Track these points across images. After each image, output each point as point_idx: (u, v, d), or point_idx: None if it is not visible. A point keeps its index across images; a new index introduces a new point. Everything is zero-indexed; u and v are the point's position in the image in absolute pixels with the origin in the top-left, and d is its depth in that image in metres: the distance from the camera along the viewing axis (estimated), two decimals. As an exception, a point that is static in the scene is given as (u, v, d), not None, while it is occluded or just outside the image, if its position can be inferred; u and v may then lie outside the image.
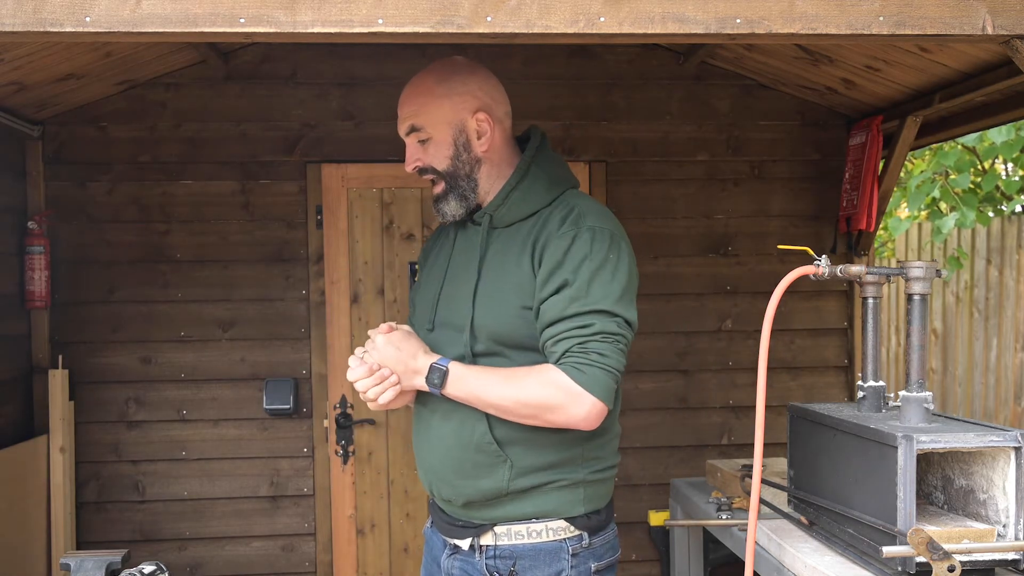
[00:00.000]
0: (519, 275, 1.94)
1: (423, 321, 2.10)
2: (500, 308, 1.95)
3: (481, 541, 2.01)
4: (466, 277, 2.02)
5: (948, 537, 2.02)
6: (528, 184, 2.01)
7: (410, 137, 2.03)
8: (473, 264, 2.02)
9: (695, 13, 1.83)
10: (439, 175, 2.02)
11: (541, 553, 1.97)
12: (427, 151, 2.02)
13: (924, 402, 2.14)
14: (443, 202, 2.04)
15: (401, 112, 2.04)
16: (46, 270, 3.69)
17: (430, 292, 2.11)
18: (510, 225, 2.02)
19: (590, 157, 4.04)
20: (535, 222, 1.99)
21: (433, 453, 2.03)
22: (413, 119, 2.01)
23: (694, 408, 4.12)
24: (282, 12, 1.78)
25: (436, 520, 2.13)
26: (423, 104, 2.01)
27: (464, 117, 2.01)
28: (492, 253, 2.01)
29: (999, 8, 1.87)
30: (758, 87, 4.11)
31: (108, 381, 3.86)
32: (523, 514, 1.98)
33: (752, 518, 1.92)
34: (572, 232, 1.90)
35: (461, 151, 2.02)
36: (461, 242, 2.09)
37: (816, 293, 4.14)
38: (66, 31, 1.77)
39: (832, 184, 4.12)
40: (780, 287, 1.93)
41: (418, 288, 2.20)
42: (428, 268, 2.18)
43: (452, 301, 2.04)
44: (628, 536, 4.09)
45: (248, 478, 3.92)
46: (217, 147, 3.90)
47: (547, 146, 2.11)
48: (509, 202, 2.01)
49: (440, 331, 2.05)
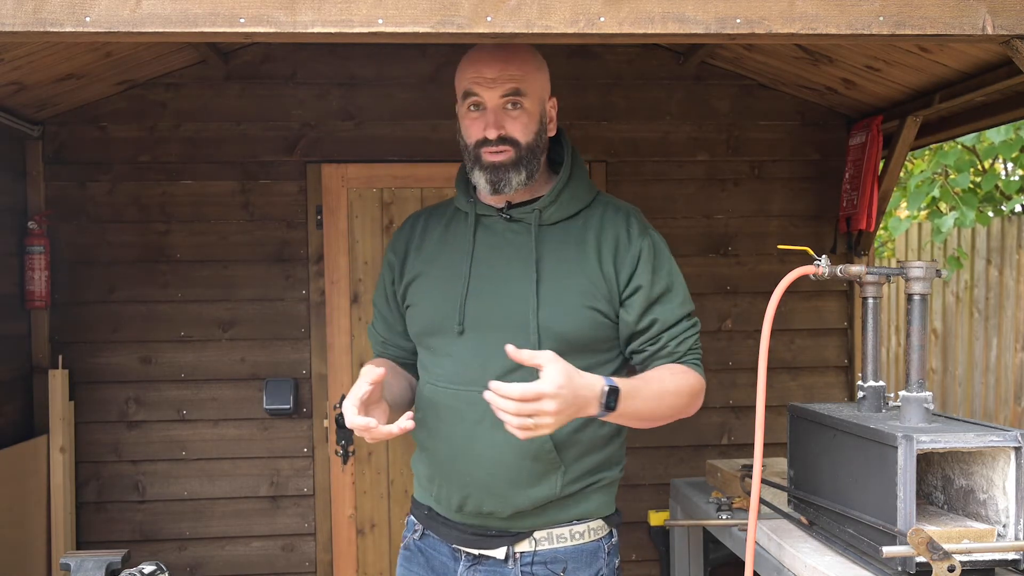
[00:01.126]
0: (585, 276, 1.93)
1: (442, 323, 1.97)
2: (567, 309, 1.91)
3: (517, 549, 1.96)
4: (515, 275, 1.93)
5: (948, 537, 2.02)
6: (575, 183, 2.01)
7: (503, 100, 1.91)
8: (524, 262, 1.94)
9: (695, 13, 1.83)
10: (517, 147, 1.93)
11: (583, 554, 1.99)
12: (516, 121, 1.92)
13: (924, 402, 2.14)
14: (511, 171, 1.93)
15: (498, 72, 1.90)
16: (46, 270, 3.69)
17: (448, 291, 1.97)
18: (555, 224, 1.98)
19: (590, 157, 4.04)
20: (584, 222, 1.98)
21: (481, 466, 1.92)
22: (519, 82, 1.90)
23: (694, 408, 4.11)
24: (282, 12, 1.78)
25: (447, 533, 2.03)
26: (527, 72, 1.92)
27: (546, 97, 1.99)
28: (546, 251, 1.95)
29: (999, 8, 1.87)
30: (758, 87, 4.11)
31: (108, 381, 3.86)
32: (567, 517, 1.97)
33: (752, 518, 1.92)
34: (647, 238, 1.98)
35: (542, 129, 1.97)
36: (488, 239, 1.99)
37: (816, 293, 4.14)
38: (66, 31, 1.77)
39: (832, 184, 4.12)
40: (780, 287, 1.93)
41: (411, 286, 2.05)
42: (426, 264, 2.04)
43: (495, 301, 1.93)
44: (628, 536, 4.08)
45: (248, 478, 3.92)
46: (217, 147, 3.90)
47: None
48: (560, 200, 1.98)
49: (479, 334, 1.93)
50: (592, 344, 1.95)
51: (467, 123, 1.96)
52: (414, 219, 2.14)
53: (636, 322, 1.96)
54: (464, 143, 1.98)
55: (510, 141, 1.92)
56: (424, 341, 2.04)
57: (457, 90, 1.97)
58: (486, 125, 1.92)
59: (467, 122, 1.96)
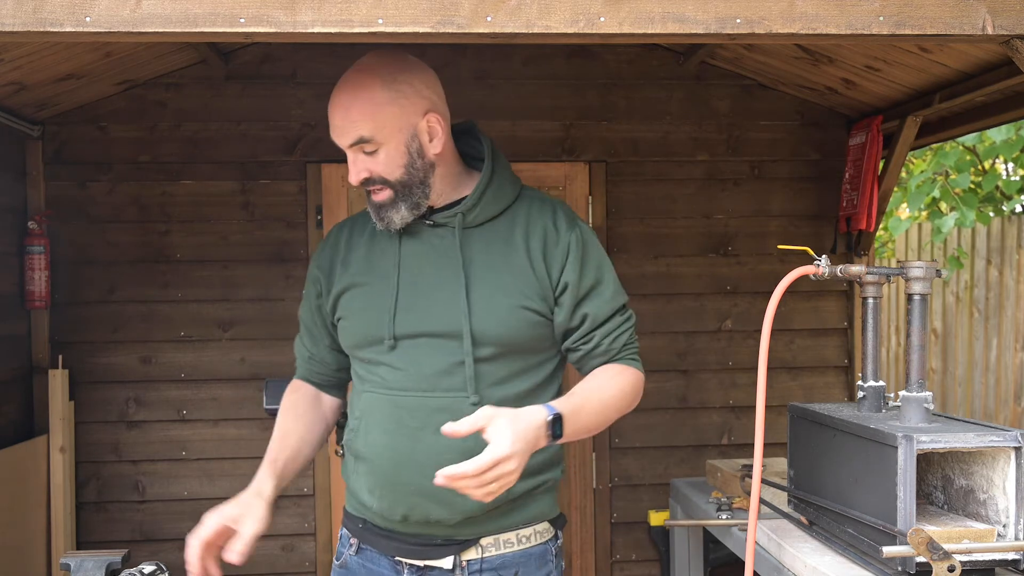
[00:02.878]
0: (516, 275, 1.89)
1: (373, 336, 1.91)
2: (500, 312, 1.87)
3: (463, 557, 1.91)
4: (443, 282, 1.89)
5: (948, 537, 2.02)
6: (497, 181, 1.95)
7: (354, 148, 1.86)
8: (451, 267, 1.89)
9: (695, 13, 1.83)
10: (390, 185, 1.87)
11: (532, 558, 1.96)
12: (376, 161, 1.86)
13: (924, 402, 2.14)
14: (391, 210, 1.88)
15: (341, 121, 1.84)
16: (46, 270, 3.69)
17: (378, 303, 1.91)
18: (480, 225, 1.93)
19: (590, 157, 4.04)
20: (511, 220, 1.94)
21: (426, 475, 1.77)
22: (360, 131, 1.83)
23: (694, 408, 4.12)
24: (282, 12, 1.78)
25: (387, 545, 1.96)
26: (371, 113, 1.82)
27: (415, 121, 1.86)
28: (473, 255, 1.90)
29: (999, 8, 1.87)
30: (758, 87, 4.11)
31: (108, 381, 3.86)
32: (515, 522, 1.93)
33: (752, 518, 1.92)
34: (574, 231, 1.94)
35: (415, 158, 1.87)
36: (413, 246, 1.93)
37: (816, 293, 4.14)
38: (66, 31, 1.76)
39: (832, 184, 4.12)
40: (780, 287, 1.93)
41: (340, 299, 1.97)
42: (354, 276, 1.96)
43: (425, 309, 1.89)
44: (628, 536, 4.10)
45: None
46: (217, 147, 3.90)
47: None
48: (483, 201, 1.92)
49: (412, 343, 1.88)
50: (529, 344, 1.92)
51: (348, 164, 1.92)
52: (337, 230, 2.07)
53: (568, 319, 1.93)
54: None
55: (379, 180, 1.87)
56: (357, 353, 1.98)
57: None
58: (350, 171, 1.90)
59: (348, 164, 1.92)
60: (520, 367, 1.91)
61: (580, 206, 4.03)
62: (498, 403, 1.79)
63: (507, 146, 3.97)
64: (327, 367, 2.11)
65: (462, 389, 1.86)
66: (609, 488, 4.06)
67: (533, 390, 1.93)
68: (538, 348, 1.94)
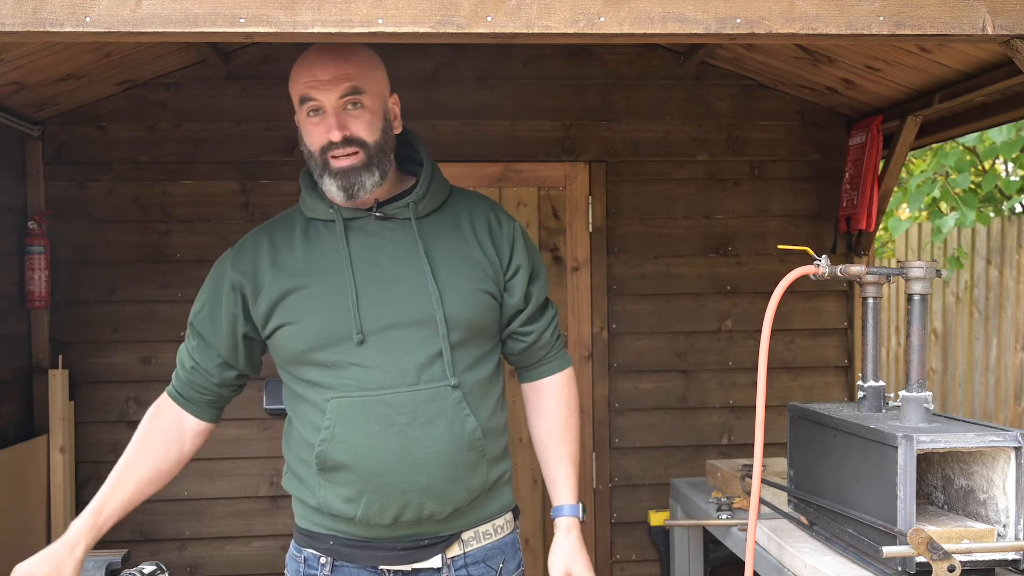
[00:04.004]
0: (471, 261, 1.93)
1: (334, 335, 1.86)
2: (465, 296, 1.90)
3: (448, 555, 1.94)
4: (405, 271, 1.88)
5: (948, 537, 2.03)
6: (437, 174, 1.99)
7: (342, 100, 1.84)
8: (412, 256, 1.89)
9: (695, 13, 1.83)
10: (365, 147, 1.86)
11: (507, 547, 2.03)
12: (359, 120, 1.85)
13: (924, 402, 2.14)
14: (364, 173, 1.86)
15: (333, 73, 1.83)
16: (46, 270, 3.69)
17: (333, 302, 1.87)
18: (426, 216, 1.94)
19: (590, 157, 4.04)
20: (453, 211, 1.98)
21: (420, 468, 1.84)
22: (356, 81, 1.84)
23: (694, 408, 4.12)
24: (282, 12, 1.78)
25: (369, 555, 1.92)
26: (363, 69, 1.86)
27: (387, 94, 1.93)
28: (429, 243, 1.91)
29: (999, 8, 1.88)
30: (758, 87, 4.11)
31: (108, 381, 3.86)
32: (490, 512, 1.99)
33: (752, 518, 1.92)
34: (514, 222, 2.03)
35: (388, 125, 1.91)
36: (363, 239, 1.91)
37: (816, 293, 4.14)
38: (66, 31, 1.77)
39: (832, 184, 4.12)
40: (780, 287, 1.93)
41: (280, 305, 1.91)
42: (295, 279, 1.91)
43: (392, 300, 1.86)
44: (628, 536, 4.10)
45: (248, 478, 3.92)
46: (217, 147, 3.90)
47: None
48: (430, 192, 1.95)
49: (382, 337, 1.85)
50: (488, 328, 1.96)
51: (308, 129, 1.89)
52: (254, 236, 2.03)
53: (522, 300, 2.00)
54: (308, 151, 1.91)
55: (356, 142, 1.85)
56: (313, 357, 1.89)
57: (293, 97, 1.91)
58: (329, 128, 1.85)
59: (308, 128, 1.89)
60: (482, 351, 1.95)
61: (580, 206, 4.03)
62: (470, 388, 1.89)
63: (507, 146, 3.98)
64: (209, 381, 2.06)
65: (442, 377, 1.86)
66: (609, 488, 4.06)
67: (493, 374, 1.98)
68: (494, 332, 1.99)
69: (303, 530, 1.98)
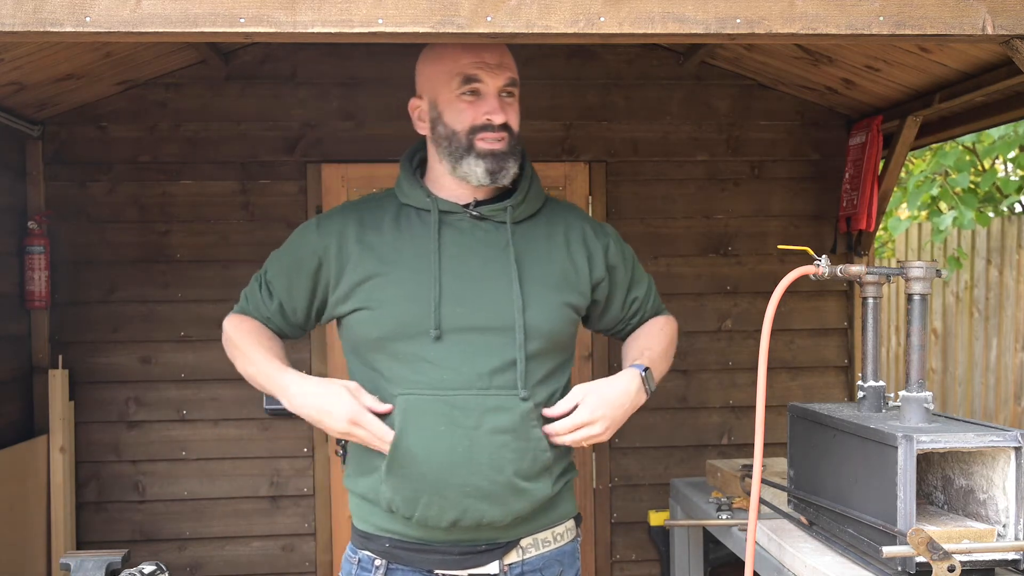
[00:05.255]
0: (559, 272, 1.94)
1: (413, 327, 1.85)
2: (548, 307, 1.90)
3: (506, 561, 1.91)
4: (492, 275, 1.87)
5: (948, 537, 2.02)
6: (537, 181, 2.01)
7: (504, 89, 1.90)
8: (501, 261, 1.88)
9: (695, 13, 1.83)
10: (512, 135, 1.90)
11: (566, 556, 2.00)
12: (512, 109, 1.92)
13: (924, 402, 2.14)
14: (510, 159, 1.89)
15: (500, 59, 1.90)
16: (46, 270, 3.69)
17: (415, 293, 1.85)
18: (520, 222, 1.95)
19: (590, 157, 4.04)
20: (548, 219, 1.99)
21: (482, 474, 1.81)
22: (514, 73, 1.93)
23: (694, 408, 4.12)
24: (282, 12, 1.78)
25: (425, 559, 1.91)
26: (514, 65, 1.94)
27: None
28: (520, 250, 1.91)
29: (999, 8, 1.87)
30: (758, 87, 4.11)
31: (108, 381, 3.86)
32: (550, 520, 1.96)
33: (752, 518, 1.92)
34: (608, 229, 2.08)
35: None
36: (455, 236, 1.90)
37: (816, 293, 4.14)
38: (66, 31, 1.77)
39: (832, 184, 4.12)
40: (780, 287, 1.93)
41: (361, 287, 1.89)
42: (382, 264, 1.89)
43: (474, 302, 1.86)
44: (628, 536, 4.10)
45: (248, 478, 3.92)
46: (217, 147, 3.90)
47: None
48: (528, 197, 1.97)
49: (460, 337, 1.84)
50: (565, 341, 1.97)
51: (460, 107, 1.88)
52: (342, 212, 1.98)
53: (621, 308, 2.10)
54: (450, 131, 1.89)
55: (508, 129, 1.89)
56: (386, 347, 1.87)
57: (443, 75, 1.90)
58: (489, 110, 1.86)
59: (460, 106, 1.88)
60: (556, 364, 1.94)
61: (580, 206, 4.02)
62: (541, 400, 1.88)
63: (507, 146, 3.97)
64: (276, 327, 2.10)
65: (513, 387, 1.85)
66: (609, 488, 4.06)
67: (564, 388, 1.97)
68: (570, 344, 2.00)
69: (360, 531, 1.97)
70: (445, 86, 1.90)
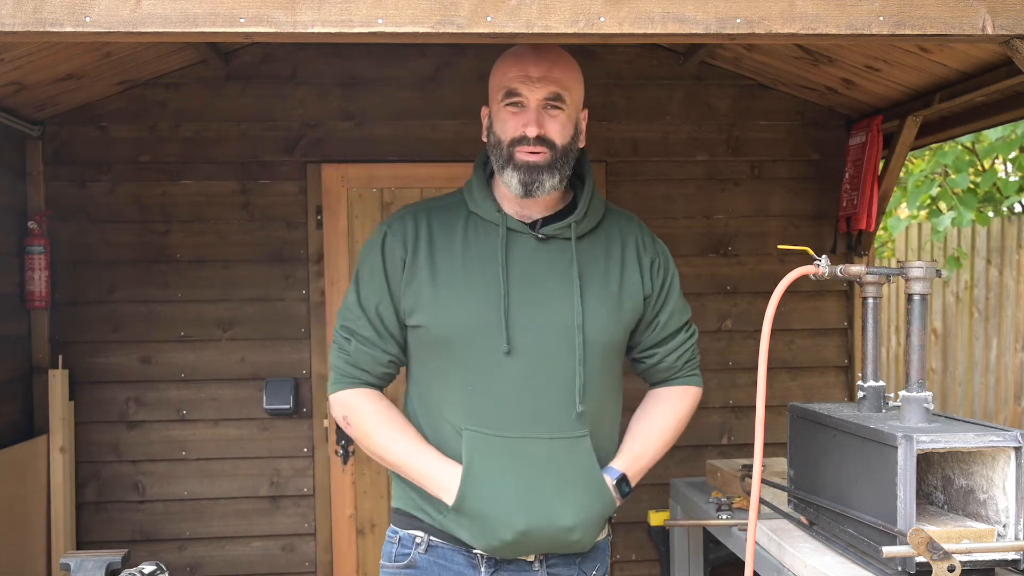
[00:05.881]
0: (616, 287, 1.99)
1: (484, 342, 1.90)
2: (605, 323, 1.96)
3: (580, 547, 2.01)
4: (555, 294, 1.93)
5: (948, 537, 2.02)
6: (597, 193, 2.05)
7: (543, 101, 1.90)
8: (563, 279, 1.94)
9: (695, 13, 1.83)
10: (553, 148, 1.91)
11: (596, 551, 2.08)
12: (554, 122, 1.91)
13: (924, 402, 2.14)
14: (545, 173, 1.90)
15: (546, 72, 1.90)
16: (46, 270, 3.69)
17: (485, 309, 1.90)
18: (580, 238, 1.98)
19: (590, 157, 4.02)
20: (606, 234, 2.03)
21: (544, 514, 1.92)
22: (560, 86, 1.90)
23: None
24: (282, 12, 1.78)
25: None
26: (569, 77, 1.93)
27: (580, 107, 2.00)
28: (582, 266, 1.96)
29: (999, 8, 1.87)
30: (758, 87, 4.11)
31: (108, 381, 3.86)
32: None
33: (752, 518, 1.92)
34: (659, 245, 2.09)
35: (575, 135, 1.96)
36: (520, 254, 1.94)
37: (816, 293, 4.14)
38: (66, 31, 1.77)
39: (832, 184, 4.12)
40: (780, 287, 1.93)
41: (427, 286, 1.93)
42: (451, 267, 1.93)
43: (539, 321, 1.91)
44: (628, 536, 4.09)
45: (248, 478, 3.92)
46: (217, 147, 3.90)
47: None
48: (590, 212, 2.00)
49: (526, 354, 1.90)
50: (619, 349, 2.04)
51: (504, 117, 1.92)
52: (414, 219, 1.99)
53: (645, 327, 2.08)
54: (496, 140, 1.94)
55: (547, 142, 1.90)
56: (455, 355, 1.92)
57: (494, 87, 1.95)
58: (526, 122, 1.90)
59: (504, 116, 1.92)
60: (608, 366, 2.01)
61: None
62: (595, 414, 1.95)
63: (507, 146, 3.97)
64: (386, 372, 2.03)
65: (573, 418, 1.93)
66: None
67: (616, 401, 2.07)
68: (622, 350, 2.06)
69: (402, 512, 2.02)
70: (495, 97, 1.96)
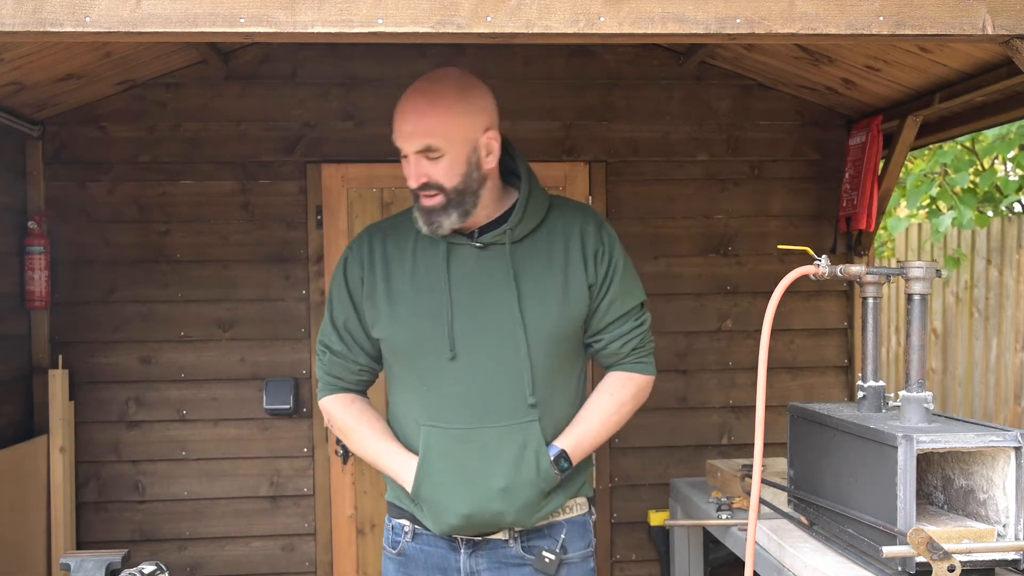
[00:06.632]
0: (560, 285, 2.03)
1: (431, 344, 2.02)
2: (550, 322, 2.01)
3: (516, 528, 2.06)
4: (495, 300, 2.00)
5: (948, 537, 2.03)
6: (534, 196, 2.06)
7: (418, 154, 1.96)
8: (503, 285, 2.01)
9: (695, 13, 1.83)
10: (444, 192, 1.97)
11: (575, 525, 2.12)
12: (436, 167, 1.96)
13: (924, 402, 2.14)
14: (441, 215, 1.98)
15: (412, 127, 1.96)
16: (46, 270, 3.69)
17: (432, 313, 2.01)
18: (521, 240, 2.04)
19: (590, 157, 4.04)
20: (548, 232, 2.06)
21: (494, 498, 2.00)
22: (429, 138, 1.94)
23: (694, 408, 4.12)
24: (282, 12, 1.78)
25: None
26: (443, 122, 1.95)
27: (478, 136, 1.99)
28: (520, 269, 2.02)
29: (999, 8, 1.87)
30: (758, 87, 4.11)
31: (108, 381, 3.86)
32: (559, 503, 2.08)
33: (752, 518, 1.92)
34: (604, 233, 2.09)
35: (473, 169, 1.99)
36: (460, 264, 2.03)
37: (816, 293, 4.14)
38: (66, 31, 1.77)
39: (832, 184, 4.12)
40: (780, 287, 1.93)
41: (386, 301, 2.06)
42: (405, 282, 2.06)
43: (481, 327, 2.00)
44: (628, 536, 4.09)
45: (248, 478, 3.92)
46: (217, 147, 3.90)
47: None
48: (526, 217, 2.04)
49: (471, 359, 2.00)
50: (572, 338, 2.08)
51: (403, 166, 2.01)
52: (369, 236, 2.14)
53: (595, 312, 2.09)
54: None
55: (435, 186, 1.97)
56: (409, 361, 2.06)
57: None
58: (408, 174, 1.99)
59: (403, 165, 2.01)
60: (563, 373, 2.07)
61: (580, 206, 4.03)
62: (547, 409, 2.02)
63: (507, 146, 3.97)
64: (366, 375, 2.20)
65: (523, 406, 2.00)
66: (609, 488, 4.06)
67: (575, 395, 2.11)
68: (577, 352, 2.11)
69: (392, 503, 2.16)
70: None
